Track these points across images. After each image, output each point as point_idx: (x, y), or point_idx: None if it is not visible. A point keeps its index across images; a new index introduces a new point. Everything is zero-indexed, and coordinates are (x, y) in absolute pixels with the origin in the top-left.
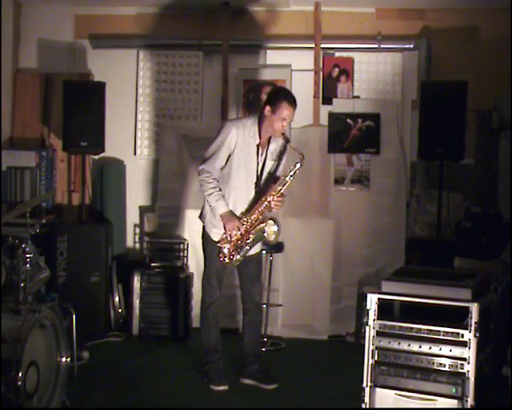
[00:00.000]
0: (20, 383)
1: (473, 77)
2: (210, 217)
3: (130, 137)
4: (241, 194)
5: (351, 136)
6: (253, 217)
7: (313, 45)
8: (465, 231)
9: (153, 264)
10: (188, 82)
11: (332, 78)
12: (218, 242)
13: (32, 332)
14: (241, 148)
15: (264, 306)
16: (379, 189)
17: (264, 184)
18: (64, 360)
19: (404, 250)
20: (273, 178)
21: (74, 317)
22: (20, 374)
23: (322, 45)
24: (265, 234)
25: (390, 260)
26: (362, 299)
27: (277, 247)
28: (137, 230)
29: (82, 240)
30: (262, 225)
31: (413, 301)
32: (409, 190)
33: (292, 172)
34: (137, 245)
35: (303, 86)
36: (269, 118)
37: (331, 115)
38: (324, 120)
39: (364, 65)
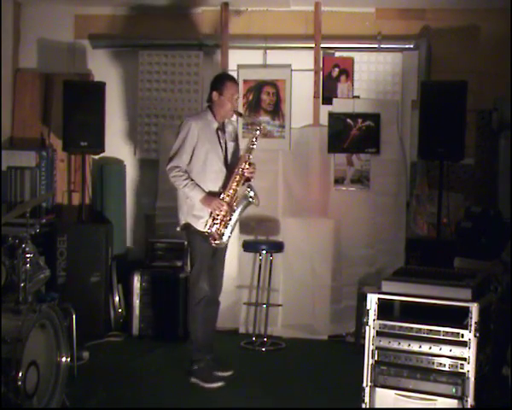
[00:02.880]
0: (20, 383)
1: (473, 77)
2: (193, 211)
3: (130, 137)
4: (217, 178)
5: (351, 136)
6: (231, 191)
7: (313, 45)
8: (465, 231)
9: (153, 264)
10: (188, 82)
11: (332, 78)
12: (205, 227)
13: (32, 332)
14: (203, 137)
15: (264, 306)
16: (379, 189)
17: (232, 164)
18: (64, 360)
19: (404, 250)
20: (237, 156)
21: (74, 317)
22: (20, 374)
23: (322, 45)
24: (250, 199)
25: (390, 260)
26: (362, 299)
27: (277, 247)
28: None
29: (82, 240)
30: (242, 194)
31: (413, 301)
32: (409, 190)
33: (254, 139)
34: (137, 245)
35: (303, 86)
36: (218, 102)
37: (331, 115)
38: (324, 120)
39: (364, 65)
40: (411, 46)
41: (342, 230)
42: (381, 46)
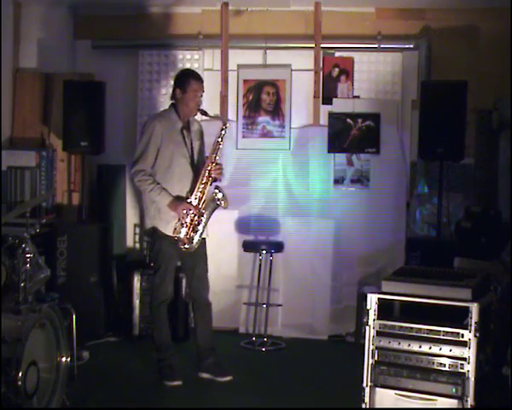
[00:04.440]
0: (20, 383)
1: (473, 77)
2: (160, 215)
3: (130, 137)
4: (183, 179)
5: (351, 136)
6: (198, 194)
7: (313, 45)
8: (465, 231)
9: (153, 264)
10: None
11: (332, 78)
12: (174, 233)
13: (32, 332)
14: (168, 137)
15: (264, 306)
16: (379, 189)
17: (198, 164)
18: (64, 360)
19: (404, 250)
20: (204, 156)
21: (74, 317)
22: (20, 374)
23: (322, 45)
24: (218, 202)
25: (390, 260)
26: (362, 299)
27: (277, 247)
28: (137, 230)
29: (82, 240)
30: (210, 196)
31: (413, 301)
32: (409, 190)
33: (220, 138)
34: (137, 245)
35: (303, 86)
36: (181, 99)
37: (331, 115)
38: (324, 119)
39: (364, 65)
40: (411, 46)
41: (342, 230)
42: (381, 46)
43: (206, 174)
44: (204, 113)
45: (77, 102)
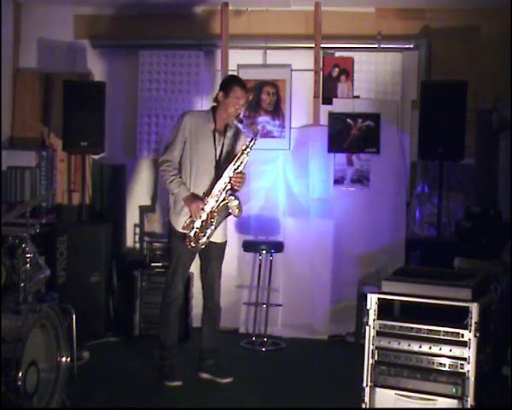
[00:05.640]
0: (20, 383)
1: (473, 77)
2: (174, 209)
3: (130, 137)
4: (200, 179)
5: (351, 136)
6: (214, 196)
7: (313, 45)
8: (465, 231)
9: (153, 264)
10: (188, 82)
11: (332, 78)
12: (183, 229)
13: (32, 332)
14: (196, 134)
15: (264, 306)
16: (379, 189)
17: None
18: (64, 359)
19: (404, 250)
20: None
21: (74, 317)
22: (20, 374)
23: (322, 45)
24: (230, 210)
25: (390, 259)
26: (362, 299)
27: (277, 247)
28: (137, 230)
29: (82, 240)
30: (224, 202)
31: (413, 301)
32: (409, 190)
33: (247, 149)
34: (137, 245)
35: (303, 86)
36: (222, 103)
37: (331, 115)
38: (324, 119)
39: (364, 65)
40: (411, 46)
41: (342, 230)
42: (381, 46)
43: (226, 181)
44: (240, 120)
45: (77, 102)
